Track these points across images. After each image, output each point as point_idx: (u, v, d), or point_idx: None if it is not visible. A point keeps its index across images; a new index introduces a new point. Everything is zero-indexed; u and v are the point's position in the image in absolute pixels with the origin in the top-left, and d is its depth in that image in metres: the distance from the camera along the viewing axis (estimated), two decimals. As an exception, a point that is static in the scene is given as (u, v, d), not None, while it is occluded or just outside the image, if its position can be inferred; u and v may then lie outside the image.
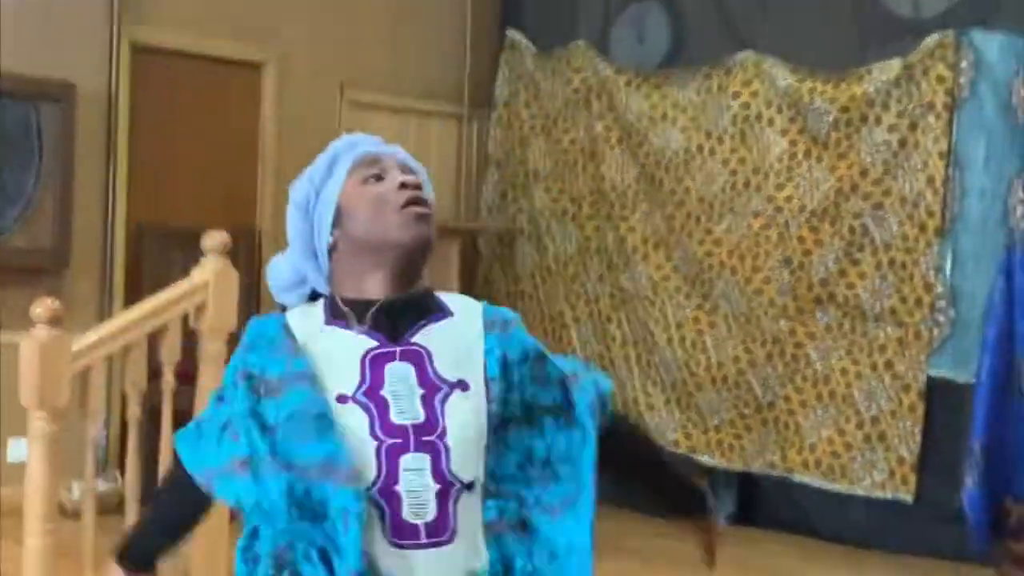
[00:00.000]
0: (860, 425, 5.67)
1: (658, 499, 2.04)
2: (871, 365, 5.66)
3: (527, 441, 1.79)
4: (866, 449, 5.65)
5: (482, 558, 1.73)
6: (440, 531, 1.69)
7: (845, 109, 5.77)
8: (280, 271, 1.90)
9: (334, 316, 1.79)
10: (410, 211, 1.78)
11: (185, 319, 4.10)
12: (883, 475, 5.60)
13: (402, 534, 1.68)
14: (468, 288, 6.86)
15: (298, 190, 1.87)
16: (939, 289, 5.50)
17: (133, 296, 5.58)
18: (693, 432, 6.16)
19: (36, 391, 3.65)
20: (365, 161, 1.84)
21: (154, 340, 4.07)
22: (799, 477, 5.82)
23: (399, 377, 1.74)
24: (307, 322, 1.80)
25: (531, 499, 1.78)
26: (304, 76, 6.50)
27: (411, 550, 1.68)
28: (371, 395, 1.72)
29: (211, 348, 4.07)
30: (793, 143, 5.95)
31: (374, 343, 1.76)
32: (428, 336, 1.79)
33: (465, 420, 1.73)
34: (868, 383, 5.67)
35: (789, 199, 5.92)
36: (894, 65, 5.62)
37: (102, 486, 5.14)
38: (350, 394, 1.71)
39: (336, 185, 1.83)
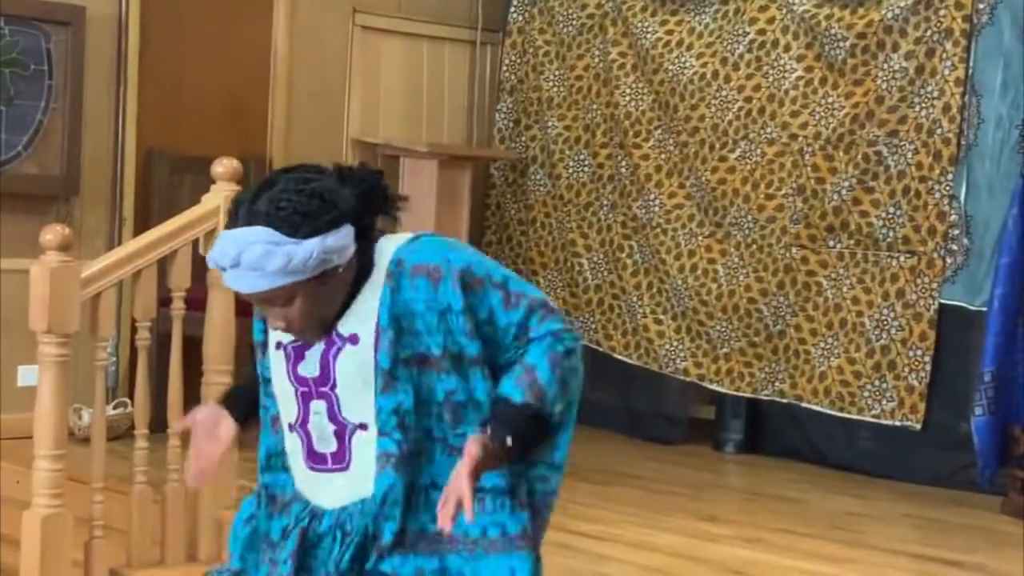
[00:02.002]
0: (870, 354, 5.67)
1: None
2: (883, 294, 5.65)
3: (433, 382, 2.01)
4: (876, 377, 5.65)
5: (370, 486, 2.03)
6: (339, 460, 2.05)
7: (862, 35, 5.70)
8: None
9: None
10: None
11: (195, 245, 4.10)
12: (892, 403, 5.60)
13: (314, 460, 2.08)
14: (480, 216, 6.85)
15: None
16: (953, 217, 5.47)
17: (143, 223, 5.59)
18: (703, 360, 6.17)
19: (46, 317, 3.67)
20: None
21: (164, 266, 4.08)
22: (808, 405, 5.83)
23: None
24: None
25: (437, 433, 2.03)
26: (316, 2, 6.44)
27: (319, 472, 2.08)
28: (295, 348, 2.07)
29: (220, 276, 4.06)
30: (809, 69, 5.89)
31: None
32: None
33: (349, 372, 2.02)
34: (879, 312, 5.66)
35: (804, 126, 5.88)
36: (912, -10, 5.56)
37: (111, 412, 5.18)
38: (283, 343, 2.09)
39: None
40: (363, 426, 2.02)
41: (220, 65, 6.19)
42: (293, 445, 2.11)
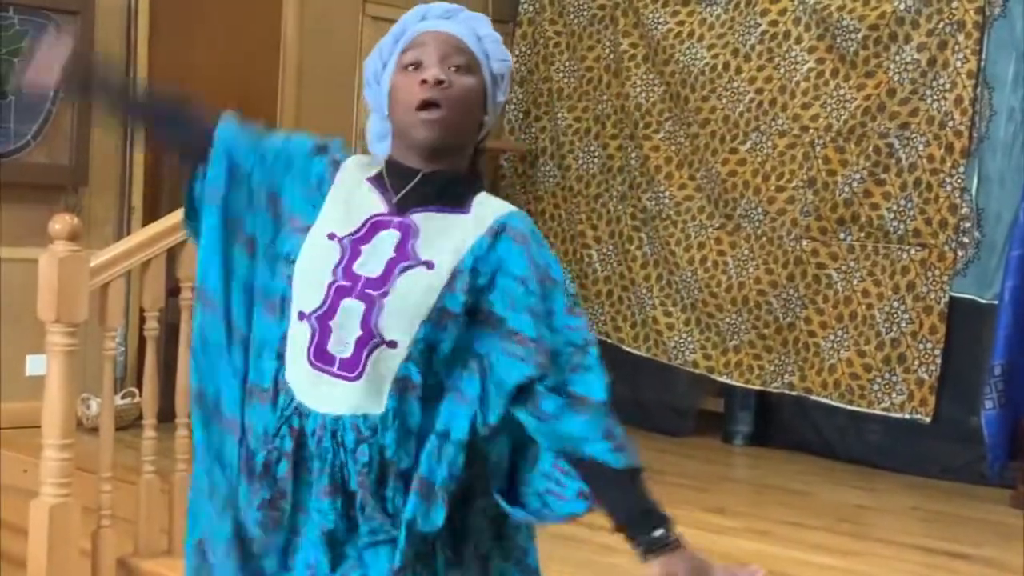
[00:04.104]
0: (880, 346, 5.65)
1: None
2: (893, 286, 5.63)
3: (474, 340, 1.92)
4: (885, 371, 5.63)
5: (382, 405, 1.89)
6: (350, 367, 1.89)
7: (874, 27, 5.68)
8: (373, 124, 2.06)
9: (377, 176, 2.00)
10: (418, 116, 1.92)
11: (203, 235, 4.09)
12: (902, 396, 5.59)
13: (320, 358, 1.91)
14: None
15: (370, 61, 2.03)
16: (964, 210, 5.45)
17: (152, 212, 5.59)
18: (712, 352, 6.16)
19: (54, 306, 3.67)
20: (414, 44, 1.96)
21: (172, 256, 4.08)
22: (817, 398, 5.82)
23: (383, 239, 1.93)
24: (357, 171, 2.01)
25: (449, 384, 1.92)
26: (326, -10, 6.44)
27: (320, 373, 1.91)
28: (352, 244, 1.94)
29: (229, 265, 4.06)
30: (821, 61, 5.87)
31: (382, 210, 1.96)
32: (429, 220, 1.95)
33: (411, 289, 1.90)
34: (890, 304, 5.64)
35: (815, 118, 5.86)
36: (925, -18, 5.53)
37: (119, 402, 5.18)
38: (339, 236, 1.94)
39: (392, 64, 1.99)
40: (392, 344, 1.88)
41: (230, 54, 6.18)
42: (297, 334, 1.93)
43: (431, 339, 1.90)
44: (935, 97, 5.53)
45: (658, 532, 1.89)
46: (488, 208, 1.97)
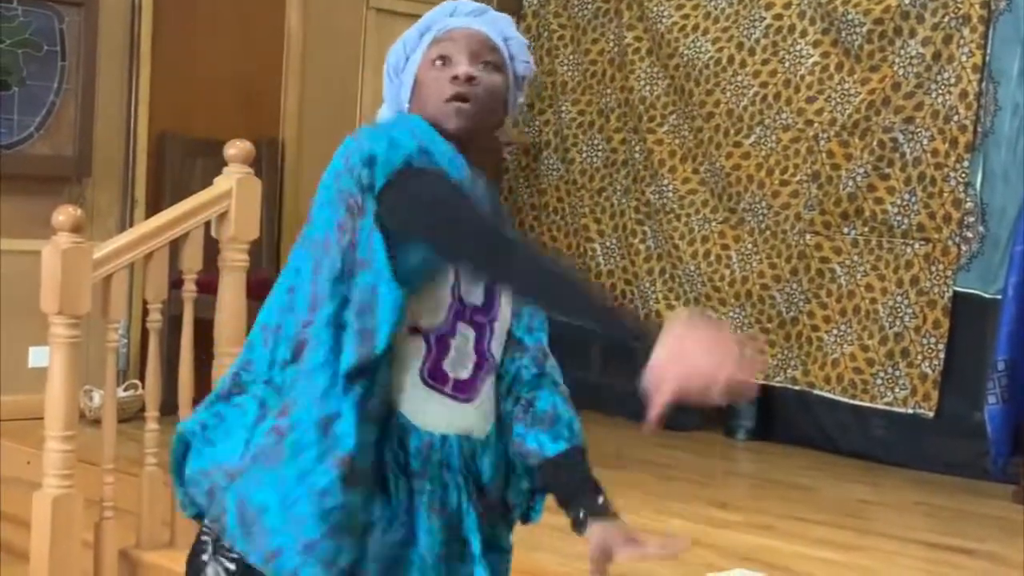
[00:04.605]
0: (884, 341, 5.64)
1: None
2: (897, 281, 5.63)
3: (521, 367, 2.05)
4: (889, 365, 5.63)
5: (486, 427, 1.97)
6: (465, 391, 1.93)
7: (879, 21, 5.67)
8: (384, 117, 2.06)
9: None
10: (450, 106, 1.92)
11: (207, 228, 4.09)
12: (905, 391, 5.58)
13: (435, 376, 1.91)
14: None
15: (393, 53, 2.03)
16: (968, 205, 5.44)
17: (155, 205, 5.59)
18: (716, 347, 6.14)
19: (57, 298, 3.67)
20: (443, 39, 1.97)
21: (175, 249, 4.08)
22: (821, 392, 5.81)
23: None
24: None
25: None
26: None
27: (433, 391, 1.91)
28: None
29: (232, 257, 4.07)
30: (825, 55, 5.86)
31: None
32: None
33: (507, 310, 1.99)
34: (893, 299, 5.63)
35: (819, 112, 5.85)
36: (930, -24, 5.52)
37: (122, 394, 5.18)
38: None
39: (417, 58, 1.98)
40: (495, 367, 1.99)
41: (233, 48, 6.18)
42: (412, 350, 1.89)
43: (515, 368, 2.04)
44: (940, 91, 5.52)
45: (600, 499, 1.97)
46: None
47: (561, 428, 2.00)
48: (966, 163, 5.43)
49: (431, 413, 1.90)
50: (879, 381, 5.65)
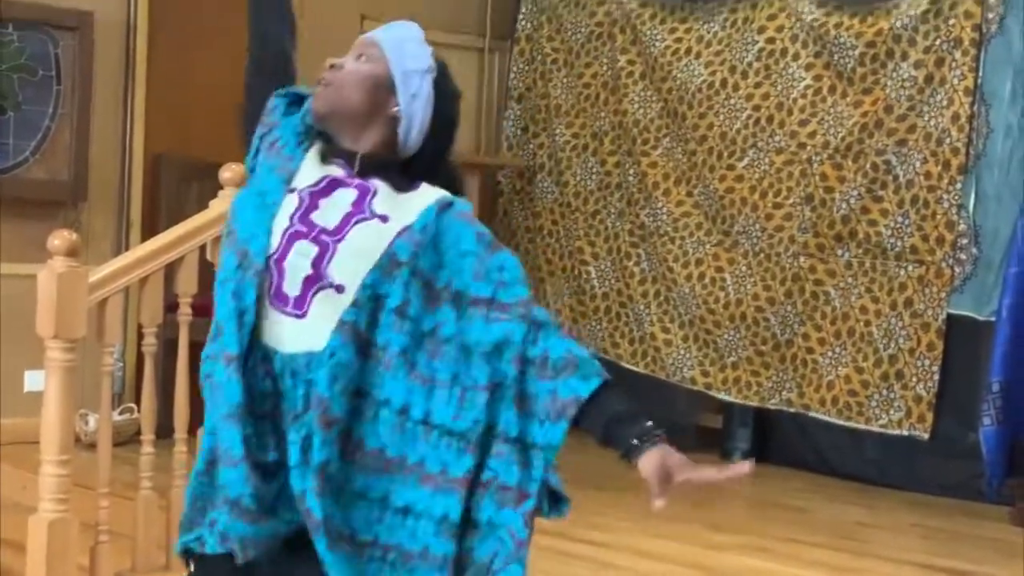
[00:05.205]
0: (878, 363, 5.65)
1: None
2: (891, 303, 5.64)
3: (430, 312, 2.02)
4: (883, 387, 5.63)
5: (322, 342, 1.99)
6: (297, 306, 2.02)
7: (871, 44, 5.70)
8: None
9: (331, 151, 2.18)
10: (315, 90, 2.20)
11: (202, 252, 4.10)
12: (900, 413, 5.59)
13: (280, 300, 2.03)
14: (487, 223, 6.82)
15: None
16: (961, 227, 5.46)
17: (150, 228, 5.59)
18: (710, 369, 6.16)
19: (53, 322, 3.67)
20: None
21: (171, 272, 4.08)
22: (815, 414, 5.81)
23: (340, 196, 2.08)
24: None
25: (394, 347, 2.01)
26: (324, 8, 6.44)
27: (279, 313, 2.03)
28: (311, 197, 2.08)
29: (227, 281, 4.06)
30: (818, 78, 5.89)
31: (342, 173, 2.11)
32: (384, 187, 2.09)
33: (365, 238, 2.03)
34: (887, 321, 5.64)
35: (812, 135, 5.87)
36: (921, -1, 5.55)
37: (117, 418, 5.17)
38: (298, 189, 2.10)
39: None
40: (339, 288, 2.00)
41: (228, 70, 6.14)
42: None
43: (378, 288, 2.00)
44: (932, 114, 5.54)
45: (648, 423, 2.02)
46: (434, 190, 2.12)
47: (586, 368, 2.02)
48: (959, 185, 5.45)
49: (278, 334, 2.03)
50: (874, 403, 5.66)
